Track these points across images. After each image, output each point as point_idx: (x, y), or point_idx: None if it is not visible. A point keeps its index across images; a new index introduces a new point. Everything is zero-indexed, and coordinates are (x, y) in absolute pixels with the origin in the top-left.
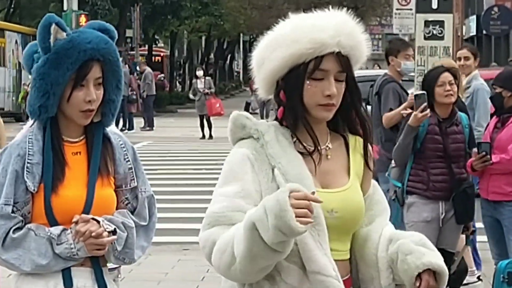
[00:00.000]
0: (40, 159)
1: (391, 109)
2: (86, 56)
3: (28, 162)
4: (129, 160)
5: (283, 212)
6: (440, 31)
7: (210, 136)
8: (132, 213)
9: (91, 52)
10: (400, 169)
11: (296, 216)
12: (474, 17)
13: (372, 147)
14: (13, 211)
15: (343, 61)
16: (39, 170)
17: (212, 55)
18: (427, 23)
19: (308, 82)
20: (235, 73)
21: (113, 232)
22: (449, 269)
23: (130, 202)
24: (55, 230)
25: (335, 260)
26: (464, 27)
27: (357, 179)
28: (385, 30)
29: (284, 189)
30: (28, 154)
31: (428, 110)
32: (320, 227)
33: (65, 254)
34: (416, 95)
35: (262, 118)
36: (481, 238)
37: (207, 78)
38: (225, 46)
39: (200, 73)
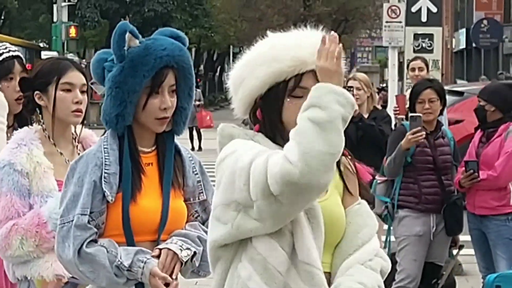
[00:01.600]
0: (117, 169)
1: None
2: (161, 63)
3: (105, 172)
4: (197, 173)
5: None
6: (429, 44)
7: (200, 148)
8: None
9: (166, 59)
10: (386, 184)
11: None
12: (464, 30)
13: (355, 165)
14: (88, 222)
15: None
16: (116, 180)
17: (201, 67)
18: (416, 36)
19: (288, 99)
20: (225, 85)
21: (193, 255)
22: (436, 283)
23: (199, 215)
24: (127, 259)
25: (325, 273)
26: (453, 40)
27: (336, 193)
28: (375, 43)
29: None
30: (105, 164)
31: (423, 134)
32: (315, 220)
33: (132, 278)
34: (411, 117)
35: None
36: (468, 252)
37: (197, 90)
38: (215, 58)
39: None
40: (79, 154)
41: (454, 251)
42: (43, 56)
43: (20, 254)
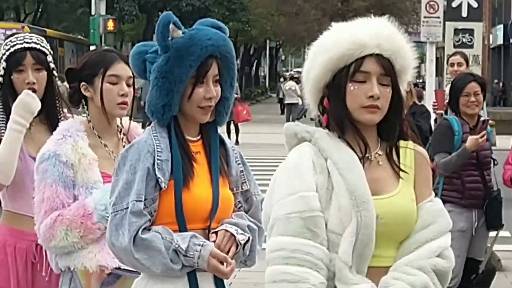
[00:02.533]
0: (169, 155)
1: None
2: (207, 53)
3: (158, 159)
4: (240, 163)
5: None
6: (469, 39)
7: (237, 142)
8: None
9: (211, 49)
10: None
11: None
12: (501, 26)
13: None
14: (143, 208)
15: (385, 64)
16: (168, 167)
17: (238, 61)
18: (456, 31)
19: (350, 84)
20: (261, 79)
21: (247, 241)
22: (475, 278)
23: (242, 205)
24: (183, 242)
25: (376, 267)
26: (491, 36)
27: (408, 186)
28: (412, 38)
29: None
30: (157, 150)
31: (485, 137)
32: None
33: (187, 263)
34: (483, 121)
35: None
36: (507, 247)
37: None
38: (251, 52)
39: None
40: (123, 146)
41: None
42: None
43: (64, 245)
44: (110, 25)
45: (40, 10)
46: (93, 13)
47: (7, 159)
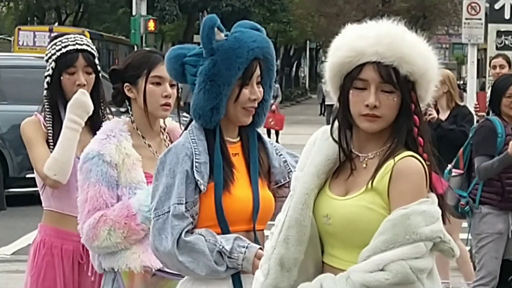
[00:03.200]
0: (207, 158)
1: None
2: (253, 55)
3: (196, 161)
4: (281, 154)
5: None
6: None
7: (277, 142)
8: None
9: (257, 51)
10: (461, 178)
11: None
12: None
13: (430, 174)
14: (185, 211)
15: (385, 71)
16: (207, 170)
17: (278, 62)
18: (499, 33)
19: (351, 91)
20: (301, 80)
21: None
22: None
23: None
24: (227, 244)
25: (332, 267)
26: None
27: (374, 195)
28: (452, 40)
29: None
30: (195, 153)
31: None
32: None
33: (232, 265)
34: None
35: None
36: None
37: (275, 85)
38: (291, 53)
39: None
40: (166, 146)
41: None
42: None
43: (107, 245)
44: (151, 25)
45: (81, 10)
46: (134, 13)
47: (64, 157)
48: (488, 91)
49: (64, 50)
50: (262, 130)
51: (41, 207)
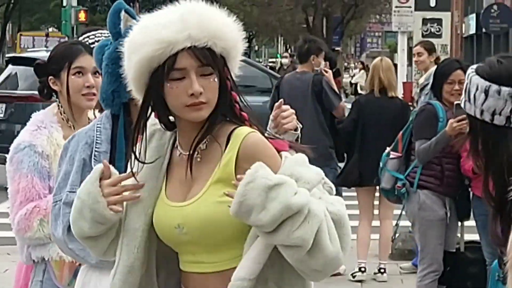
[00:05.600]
0: (108, 148)
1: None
2: None
3: (95, 150)
4: None
5: (96, 205)
6: (438, 29)
7: None
8: None
9: None
10: (399, 161)
11: (109, 205)
12: (474, 15)
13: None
14: None
15: (202, 54)
16: (107, 159)
17: None
18: (425, 21)
19: (168, 84)
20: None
21: None
22: (449, 271)
23: None
24: None
25: (203, 273)
26: (463, 25)
27: (219, 186)
28: (385, 28)
29: (94, 176)
30: (96, 142)
31: (466, 122)
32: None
33: None
34: (457, 104)
35: None
36: (470, 237)
37: None
38: None
39: None
40: None
41: None
42: None
43: (39, 236)
44: (82, 16)
45: (12, 1)
46: (64, 4)
47: None
48: (416, 79)
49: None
50: None
51: None
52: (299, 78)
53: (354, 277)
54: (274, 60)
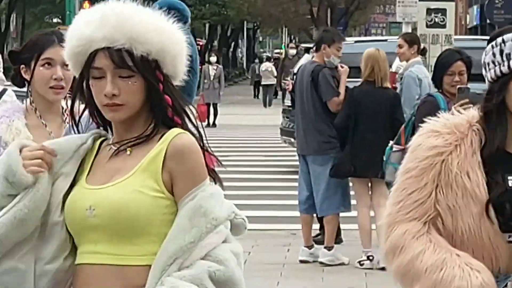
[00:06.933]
0: None
1: (339, 93)
2: None
3: None
4: None
5: (11, 160)
6: (442, 19)
7: (214, 124)
8: None
9: None
10: (403, 153)
11: (26, 166)
12: (478, 6)
13: (203, 148)
14: None
15: (117, 56)
16: None
17: (215, 42)
18: (429, 11)
19: (90, 81)
20: (239, 61)
21: None
22: None
23: None
24: None
25: (101, 265)
26: (468, 16)
27: (144, 177)
28: (389, 19)
29: (15, 143)
30: None
31: (470, 106)
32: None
33: None
34: (459, 88)
35: (264, 105)
36: None
37: (219, 66)
38: (228, 34)
39: (213, 59)
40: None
41: None
42: None
43: None
44: (86, 6)
45: None
46: None
47: None
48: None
49: None
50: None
51: None
52: (307, 68)
53: (362, 265)
54: (279, 51)
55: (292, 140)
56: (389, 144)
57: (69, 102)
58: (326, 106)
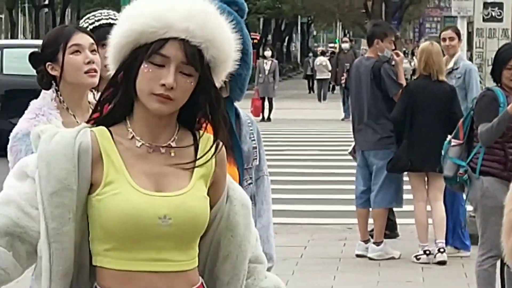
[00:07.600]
0: None
1: (402, 86)
2: None
3: None
4: (254, 139)
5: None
6: (499, 13)
7: (269, 119)
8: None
9: None
10: (461, 147)
11: None
12: None
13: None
14: None
15: (190, 51)
16: None
17: (269, 37)
18: (486, 5)
19: (146, 65)
20: (293, 55)
21: None
22: None
23: (252, 182)
24: None
25: (169, 272)
26: None
27: (201, 182)
28: (444, 13)
29: None
30: None
31: None
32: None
33: None
34: None
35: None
36: None
37: (274, 60)
38: (283, 28)
39: (268, 53)
40: None
41: None
42: None
43: None
44: None
45: None
46: None
47: None
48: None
49: (97, 23)
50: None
51: None
52: (363, 64)
53: (418, 259)
54: (333, 45)
55: None
56: (447, 138)
57: (96, 96)
58: (386, 101)
